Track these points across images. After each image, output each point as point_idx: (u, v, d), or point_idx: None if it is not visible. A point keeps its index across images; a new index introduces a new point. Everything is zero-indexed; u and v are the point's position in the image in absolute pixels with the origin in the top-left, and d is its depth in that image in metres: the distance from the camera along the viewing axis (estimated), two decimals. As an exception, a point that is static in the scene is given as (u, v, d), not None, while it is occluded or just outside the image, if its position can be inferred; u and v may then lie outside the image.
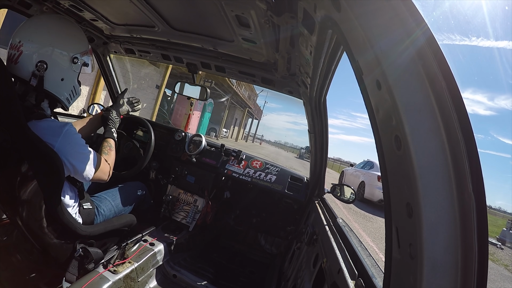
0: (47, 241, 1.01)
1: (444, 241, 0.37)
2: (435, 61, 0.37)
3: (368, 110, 0.50)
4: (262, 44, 1.17)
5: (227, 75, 1.69)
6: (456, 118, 0.37)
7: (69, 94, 1.03)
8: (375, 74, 0.45)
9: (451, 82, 0.37)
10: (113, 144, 1.26)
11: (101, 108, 2.10)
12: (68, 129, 0.92)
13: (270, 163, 1.96)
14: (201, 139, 1.94)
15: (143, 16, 1.27)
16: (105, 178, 1.14)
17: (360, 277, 0.76)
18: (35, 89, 0.92)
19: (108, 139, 1.25)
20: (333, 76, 1.04)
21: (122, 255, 1.24)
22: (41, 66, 0.90)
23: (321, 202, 1.64)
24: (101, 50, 1.94)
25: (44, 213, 0.95)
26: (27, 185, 0.90)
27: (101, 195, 1.36)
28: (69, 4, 1.34)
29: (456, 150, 0.37)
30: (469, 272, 0.36)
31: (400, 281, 0.44)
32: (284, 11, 0.85)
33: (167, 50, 1.64)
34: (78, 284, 1.05)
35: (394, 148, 0.43)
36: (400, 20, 0.40)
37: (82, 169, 0.98)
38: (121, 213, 1.38)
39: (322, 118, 1.45)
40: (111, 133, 1.29)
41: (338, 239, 1.06)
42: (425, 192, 0.38)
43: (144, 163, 1.71)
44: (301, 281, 1.19)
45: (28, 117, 0.86)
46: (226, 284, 1.61)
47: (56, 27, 0.95)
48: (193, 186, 1.92)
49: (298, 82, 1.40)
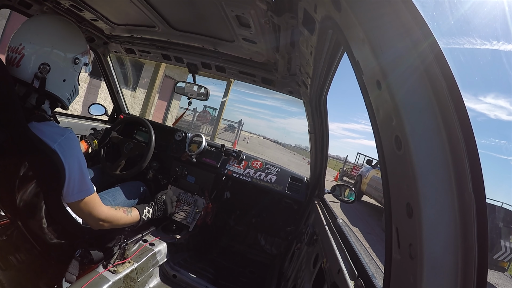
0: (47, 241, 1.01)
1: (444, 241, 0.37)
2: (435, 61, 0.37)
3: (368, 110, 0.50)
4: (263, 44, 1.17)
5: (227, 75, 1.69)
6: (456, 118, 0.36)
7: (70, 94, 1.03)
8: (375, 74, 0.45)
9: (451, 82, 0.37)
10: (134, 217, 1.20)
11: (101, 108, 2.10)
12: (69, 135, 0.90)
13: (270, 163, 1.96)
14: (201, 139, 1.94)
15: (143, 16, 1.27)
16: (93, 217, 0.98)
17: (360, 277, 0.76)
18: (36, 91, 0.91)
19: (135, 208, 1.22)
20: (333, 76, 1.04)
21: (122, 255, 1.24)
22: (44, 68, 0.90)
23: (321, 202, 1.64)
24: (101, 50, 1.94)
25: (44, 213, 0.94)
26: (27, 185, 0.89)
27: (101, 195, 1.35)
28: (69, 4, 1.34)
29: (456, 150, 0.37)
30: (469, 272, 0.36)
31: (400, 281, 0.44)
32: (285, 11, 0.85)
33: (168, 50, 1.64)
34: (78, 284, 1.05)
35: (394, 148, 0.43)
36: (400, 20, 0.40)
37: (73, 180, 0.90)
38: None
39: (322, 118, 1.45)
40: (142, 209, 1.26)
41: (338, 239, 1.06)
42: (425, 192, 0.38)
43: (145, 163, 1.71)
44: (301, 281, 1.19)
45: (28, 119, 0.85)
46: (226, 284, 1.61)
47: (57, 28, 0.94)
48: (193, 186, 1.92)
49: (298, 82, 1.40)
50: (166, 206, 1.41)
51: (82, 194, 0.93)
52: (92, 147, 1.75)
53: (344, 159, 19.89)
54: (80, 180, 0.92)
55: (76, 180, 0.91)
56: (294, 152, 42.78)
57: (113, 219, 1.06)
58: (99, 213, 0.99)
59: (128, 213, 1.17)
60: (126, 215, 1.15)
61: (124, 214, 1.13)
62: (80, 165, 0.92)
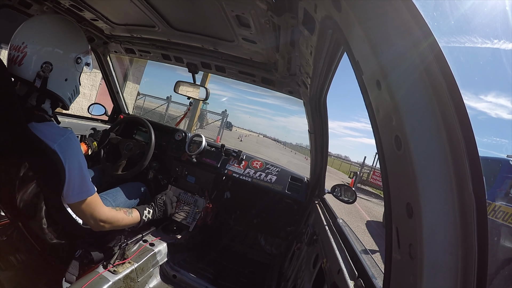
0: (47, 241, 1.01)
1: (444, 241, 0.37)
2: (435, 61, 0.37)
3: (368, 110, 0.50)
4: (262, 44, 1.17)
5: (227, 75, 1.69)
6: (456, 118, 0.36)
7: (71, 94, 1.03)
8: (375, 74, 0.45)
9: (451, 82, 0.37)
10: (135, 218, 1.20)
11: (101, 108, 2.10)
12: (69, 135, 0.90)
13: (270, 163, 1.96)
14: (201, 139, 1.94)
15: (143, 16, 1.27)
16: (94, 218, 0.97)
17: (360, 278, 0.76)
18: (38, 90, 0.91)
19: (136, 209, 1.23)
20: (333, 76, 1.04)
21: (122, 255, 1.24)
22: (47, 67, 0.90)
23: (321, 202, 1.64)
24: (101, 50, 1.94)
25: (44, 213, 0.94)
26: (27, 185, 0.89)
27: (102, 195, 1.35)
28: (69, 4, 1.34)
29: (456, 150, 0.37)
30: (469, 272, 0.36)
31: (400, 281, 0.44)
32: (285, 11, 0.85)
33: (168, 50, 1.64)
34: (78, 284, 1.05)
35: (394, 148, 0.43)
36: (400, 20, 0.40)
37: (73, 181, 0.90)
38: None
39: (322, 118, 1.45)
40: (143, 210, 1.27)
41: (338, 239, 1.06)
42: (425, 192, 0.38)
43: (145, 164, 1.71)
44: (301, 281, 1.19)
45: (28, 119, 0.85)
46: (226, 285, 1.61)
47: (59, 27, 0.95)
48: (194, 187, 1.92)
49: (298, 82, 1.40)
50: (166, 207, 1.41)
51: (82, 195, 0.93)
52: (92, 149, 1.75)
53: (361, 163, 16.68)
54: (80, 180, 0.92)
55: (76, 180, 0.91)
56: (295, 151, 41.67)
57: (114, 220, 1.05)
58: (100, 214, 0.99)
59: (129, 214, 1.16)
60: (127, 216, 1.15)
61: (124, 215, 1.13)
62: (80, 166, 0.92)
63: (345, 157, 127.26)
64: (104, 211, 1.01)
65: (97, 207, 0.98)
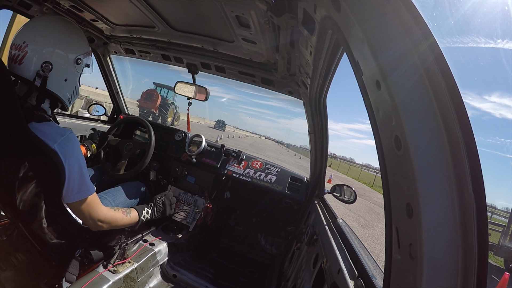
0: (47, 241, 1.01)
1: (444, 241, 0.37)
2: (435, 61, 0.37)
3: (368, 110, 0.50)
4: (262, 45, 1.17)
5: (227, 75, 1.69)
6: (456, 118, 0.36)
7: (70, 95, 1.03)
8: (375, 74, 0.45)
9: (451, 82, 0.37)
10: (133, 218, 1.21)
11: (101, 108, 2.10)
12: (69, 135, 0.91)
13: (270, 163, 1.96)
14: (201, 140, 1.94)
15: (143, 16, 1.27)
16: (92, 217, 0.98)
17: (360, 277, 0.76)
18: (37, 90, 0.92)
19: (134, 209, 1.24)
20: (333, 76, 1.04)
21: (122, 255, 1.24)
22: (46, 67, 0.91)
23: (321, 202, 1.64)
24: (101, 50, 1.94)
25: (44, 213, 0.95)
26: (27, 185, 0.89)
27: (101, 195, 1.35)
28: (69, 5, 1.34)
29: (456, 150, 0.37)
30: (469, 272, 0.36)
31: (400, 281, 0.44)
32: (284, 12, 0.85)
33: (167, 50, 1.64)
34: (78, 284, 1.05)
35: (394, 148, 0.43)
36: (400, 20, 0.40)
37: (73, 180, 0.91)
38: None
39: (322, 119, 1.45)
40: (141, 210, 1.27)
41: (338, 239, 1.06)
42: (425, 192, 0.38)
43: (146, 162, 1.71)
44: (301, 281, 1.19)
45: (28, 119, 0.85)
46: (226, 284, 1.61)
47: (61, 28, 0.95)
48: (193, 187, 1.92)
49: (298, 83, 1.40)
50: (164, 207, 1.42)
51: (81, 194, 0.94)
52: (91, 152, 1.74)
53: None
54: (79, 180, 0.92)
55: (76, 180, 0.91)
56: (300, 154, 39.71)
57: (111, 220, 1.06)
58: (98, 214, 0.99)
59: (127, 214, 1.16)
60: (125, 216, 1.15)
61: (123, 215, 1.13)
62: (80, 165, 0.92)
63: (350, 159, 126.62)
64: (103, 211, 1.01)
65: (96, 207, 0.99)
